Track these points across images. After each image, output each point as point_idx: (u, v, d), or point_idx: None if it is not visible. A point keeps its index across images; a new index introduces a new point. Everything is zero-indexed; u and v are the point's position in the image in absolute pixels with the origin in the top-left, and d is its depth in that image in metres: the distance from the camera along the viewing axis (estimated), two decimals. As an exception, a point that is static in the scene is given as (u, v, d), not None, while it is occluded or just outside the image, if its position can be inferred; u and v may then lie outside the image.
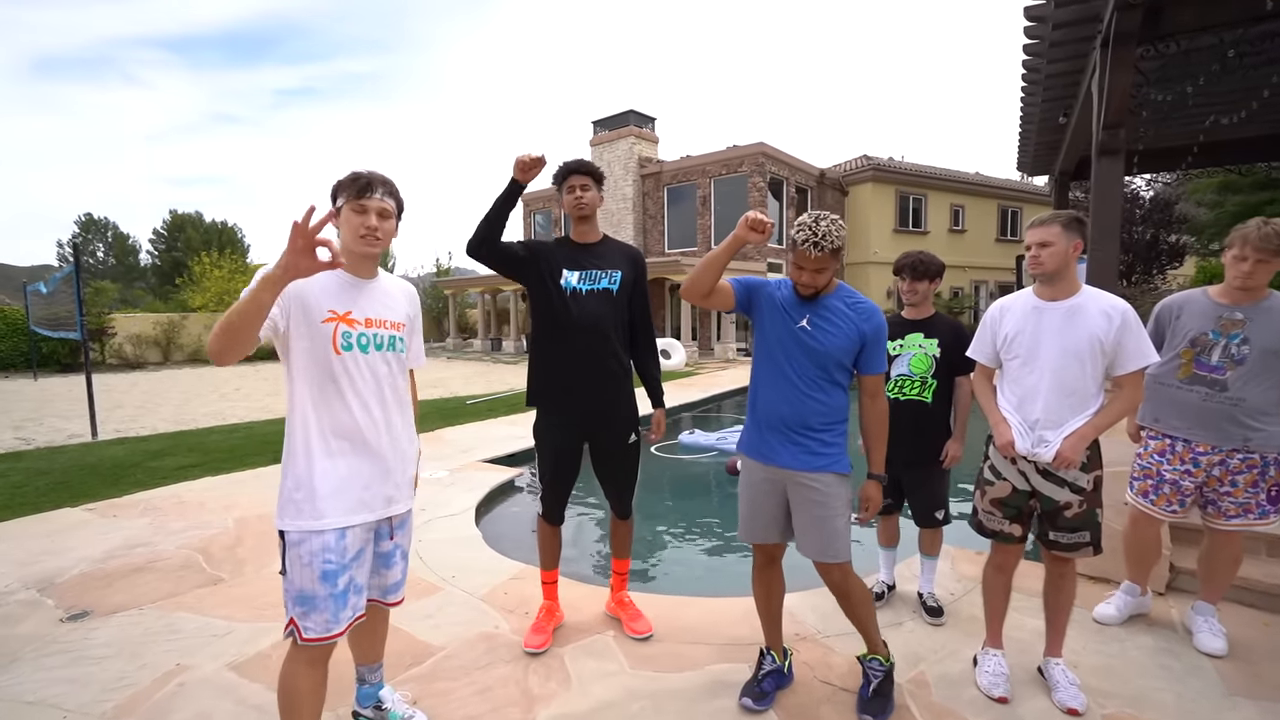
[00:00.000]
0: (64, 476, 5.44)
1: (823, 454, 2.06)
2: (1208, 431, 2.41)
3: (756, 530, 2.20)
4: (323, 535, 1.65)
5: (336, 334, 1.69)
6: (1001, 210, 24.61)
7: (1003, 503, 2.24)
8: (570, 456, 2.57)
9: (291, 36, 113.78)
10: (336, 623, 1.67)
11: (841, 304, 2.08)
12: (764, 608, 2.30)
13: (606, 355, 2.48)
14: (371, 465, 1.74)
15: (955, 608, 2.85)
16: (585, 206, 2.48)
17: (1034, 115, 6.39)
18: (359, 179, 1.71)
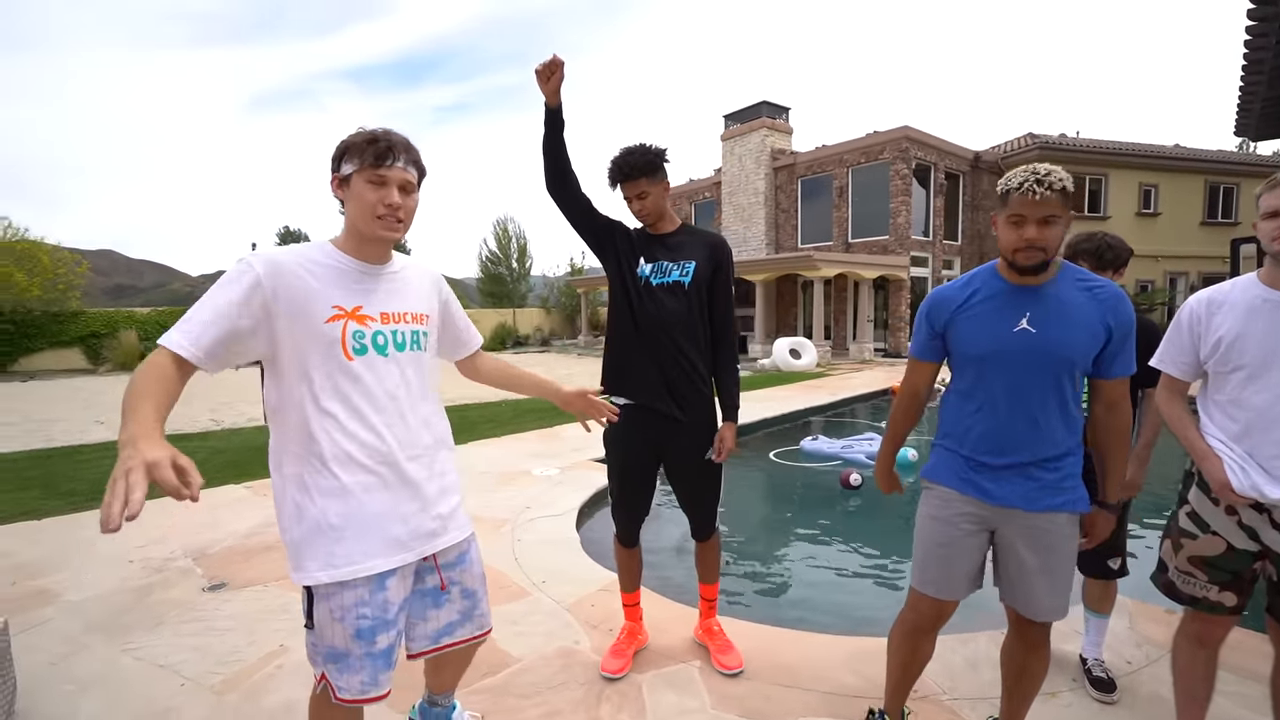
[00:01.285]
0: (236, 456, 6.18)
1: (1056, 489, 1.60)
2: None
3: (947, 583, 1.70)
4: (355, 589, 1.36)
5: (346, 335, 1.36)
6: (1210, 188, 20.76)
7: (1210, 563, 1.68)
8: (640, 471, 2.32)
9: (450, 57, 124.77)
10: (376, 686, 1.41)
11: (1072, 290, 1.57)
12: (900, 672, 1.88)
13: (675, 356, 2.20)
14: (406, 494, 1.44)
15: (1133, 682, 2.25)
16: (649, 214, 2.24)
17: (1264, 61, 5.14)
18: (376, 141, 1.35)
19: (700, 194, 24.59)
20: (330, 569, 1.34)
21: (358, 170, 1.36)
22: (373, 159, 1.34)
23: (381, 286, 1.46)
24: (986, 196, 19.95)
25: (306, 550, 1.35)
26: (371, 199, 1.36)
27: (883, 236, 18.36)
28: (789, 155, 21.06)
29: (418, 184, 1.46)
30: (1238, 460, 1.60)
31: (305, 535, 1.35)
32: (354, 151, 1.36)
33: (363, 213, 1.37)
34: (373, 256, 1.46)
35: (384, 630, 1.40)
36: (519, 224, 44.58)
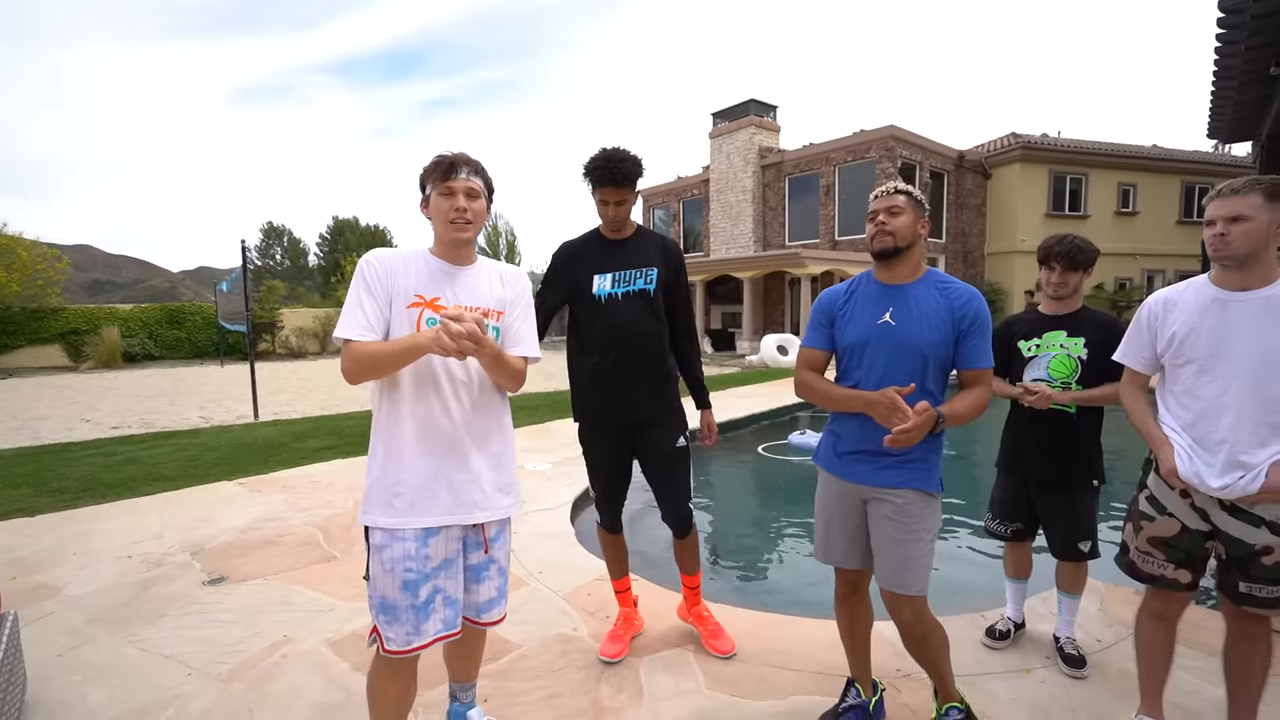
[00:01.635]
0: (227, 453, 6.18)
1: (906, 468, 1.78)
2: None
3: (833, 551, 1.97)
4: (404, 542, 1.58)
5: (421, 320, 1.61)
6: (1185, 187, 21.20)
7: (1166, 543, 1.80)
8: (618, 466, 2.44)
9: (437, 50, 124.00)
10: (418, 635, 1.60)
11: (931, 290, 1.80)
12: (847, 637, 2.05)
13: (646, 361, 2.32)
14: (457, 466, 1.65)
15: (1102, 659, 2.38)
16: (618, 225, 2.33)
17: (1234, 68, 5.32)
18: (443, 161, 1.63)
19: (688, 191, 24.67)
20: (385, 516, 1.59)
21: (434, 187, 1.64)
22: (441, 175, 1.62)
23: (461, 283, 1.69)
24: (971, 195, 20.23)
25: (372, 497, 1.62)
26: (445, 206, 1.62)
27: (868, 234, 18.56)
28: (777, 153, 21.21)
29: (485, 194, 1.69)
30: (1186, 448, 1.72)
31: (372, 485, 1.62)
32: (429, 174, 1.64)
33: (439, 219, 1.64)
34: (455, 257, 1.70)
35: (424, 582, 1.60)
36: (508, 220, 44.42)
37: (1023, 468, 2.39)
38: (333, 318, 23.09)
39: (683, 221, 24.98)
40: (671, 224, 25.30)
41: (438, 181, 1.62)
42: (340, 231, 49.70)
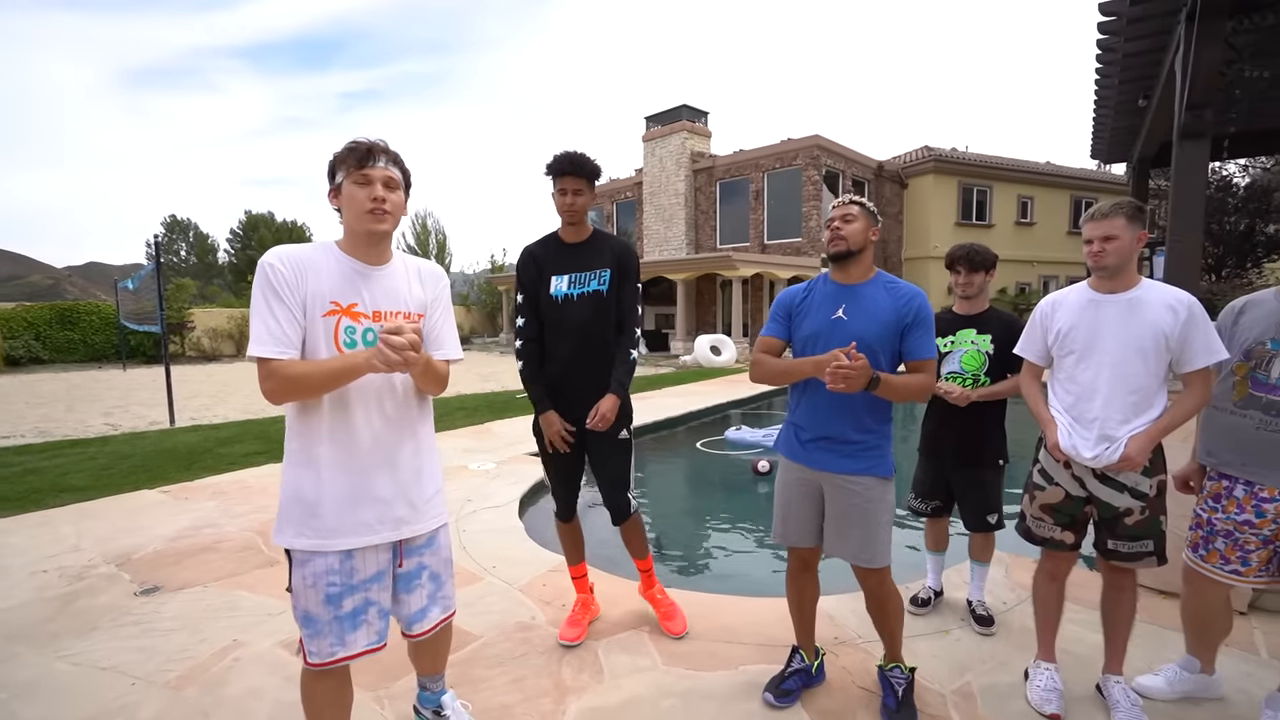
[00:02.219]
0: (144, 461, 5.83)
1: (864, 456, 1.98)
2: (1269, 470, 1.90)
3: (790, 532, 2.14)
4: (326, 557, 1.51)
5: (339, 329, 1.49)
6: (1075, 201, 23.24)
7: (1054, 509, 2.11)
8: (571, 458, 2.56)
9: (356, 41, 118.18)
10: (342, 646, 1.54)
11: (880, 290, 2.00)
12: (796, 612, 2.25)
13: (598, 357, 2.46)
14: (381, 482, 1.56)
15: (1007, 618, 2.70)
16: (575, 213, 2.44)
17: (1110, 99, 5.98)
18: (359, 148, 1.50)
19: (621, 193, 24.88)
20: (302, 538, 1.50)
21: (346, 176, 1.50)
22: (356, 162, 1.49)
23: (378, 284, 1.57)
24: (889, 204, 21.42)
25: (285, 517, 1.53)
26: (360, 196, 1.49)
27: (796, 239, 19.35)
28: (708, 158, 21.74)
29: (402, 184, 1.58)
30: (1067, 425, 2.03)
31: (286, 504, 1.53)
32: (341, 161, 1.51)
33: (354, 210, 1.50)
34: (369, 255, 1.57)
35: (349, 595, 1.54)
36: (438, 219, 43.28)
37: (940, 451, 2.69)
38: (248, 318, 21.80)
39: (616, 223, 25.16)
40: (604, 225, 25.42)
41: (352, 169, 1.49)
42: (254, 227, 46.86)
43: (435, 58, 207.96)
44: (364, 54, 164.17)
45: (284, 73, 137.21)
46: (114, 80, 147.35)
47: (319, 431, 1.51)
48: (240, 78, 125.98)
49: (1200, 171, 4.02)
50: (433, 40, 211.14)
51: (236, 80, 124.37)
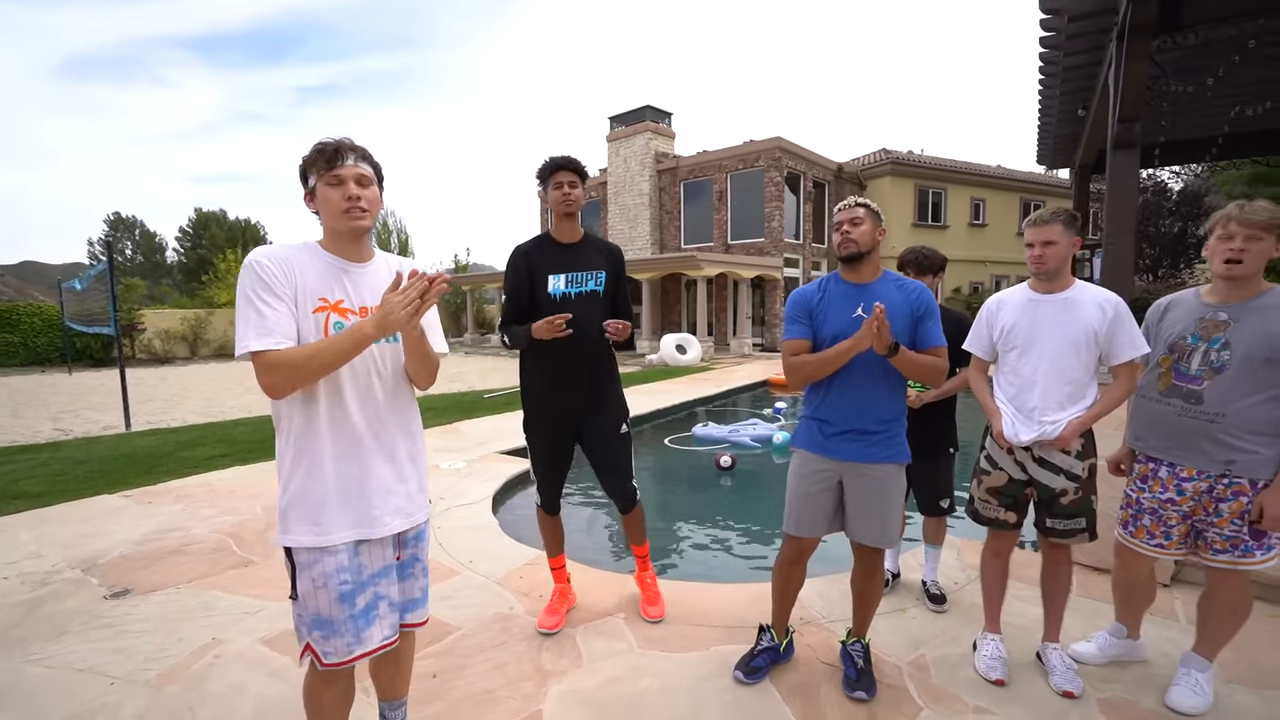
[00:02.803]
0: (101, 465, 5.68)
1: (885, 445, 2.11)
2: (1188, 452, 2.08)
3: (805, 523, 2.20)
4: (335, 555, 1.51)
5: (328, 325, 1.50)
6: (1024, 204, 24.23)
7: (999, 491, 2.30)
8: (563, 450, 2.65)
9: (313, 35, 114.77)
10: (360, 643, 1.54)
11: (890, 288, 2.14)
12: (780, 594, 2.36)
13: (596, 355, 2.57)
14: (383, 471, 1.59)
15: (958, 596, 2.90)
16: (572, 204, 2.53)
17: (1052, 108, 6.35)
18: (326, 148, 1.50)
19: (586, 193, 24.72)
20: (312, 535, 1.49)
21: (319, 179, 1.51)
22: (325, 163, 1.49)
23: (362, 282, 1.59)
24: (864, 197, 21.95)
25: (292, 515, 1.50)
26: (335, 197, 1.50)
27: (759, 239, 19.70)
28: (672, 159, 21.94)
29: (375, 179, 1.58)
30: (1010, 415, 2.22)
31: (290, 504, 1.51)
32: (312, 163, 1.51)
33: (331, 212, 1.51)
34: (351, 254, 1.59)
35: (361, 591, 1.55)
36: (400, 218, 42.54)
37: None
38: (203, 320, 21.15)
39: (580, 223, 25.13)
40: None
41: (323, 171, 1.50)
42: (205, 225, 45.24)
43: (398, 54, 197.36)
44: (322, 49, 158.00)
45: (237, 66, 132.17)
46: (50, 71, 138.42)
47: (318, 426, 1.51)
48: (189, 70, 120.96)
49: (1131, 179, 4.33)
50: (396, 36, 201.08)
51: (185, 73, 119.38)
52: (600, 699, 2.20)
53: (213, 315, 21.74)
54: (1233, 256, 1.96)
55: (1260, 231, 1.93)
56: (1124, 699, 2.15)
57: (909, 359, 2.01)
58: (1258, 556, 2.01)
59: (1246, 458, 1.98)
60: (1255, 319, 1.97)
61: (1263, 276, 2.02)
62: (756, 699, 2.19)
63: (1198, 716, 2.05)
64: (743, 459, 5.98)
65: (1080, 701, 2.13)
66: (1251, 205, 1.97)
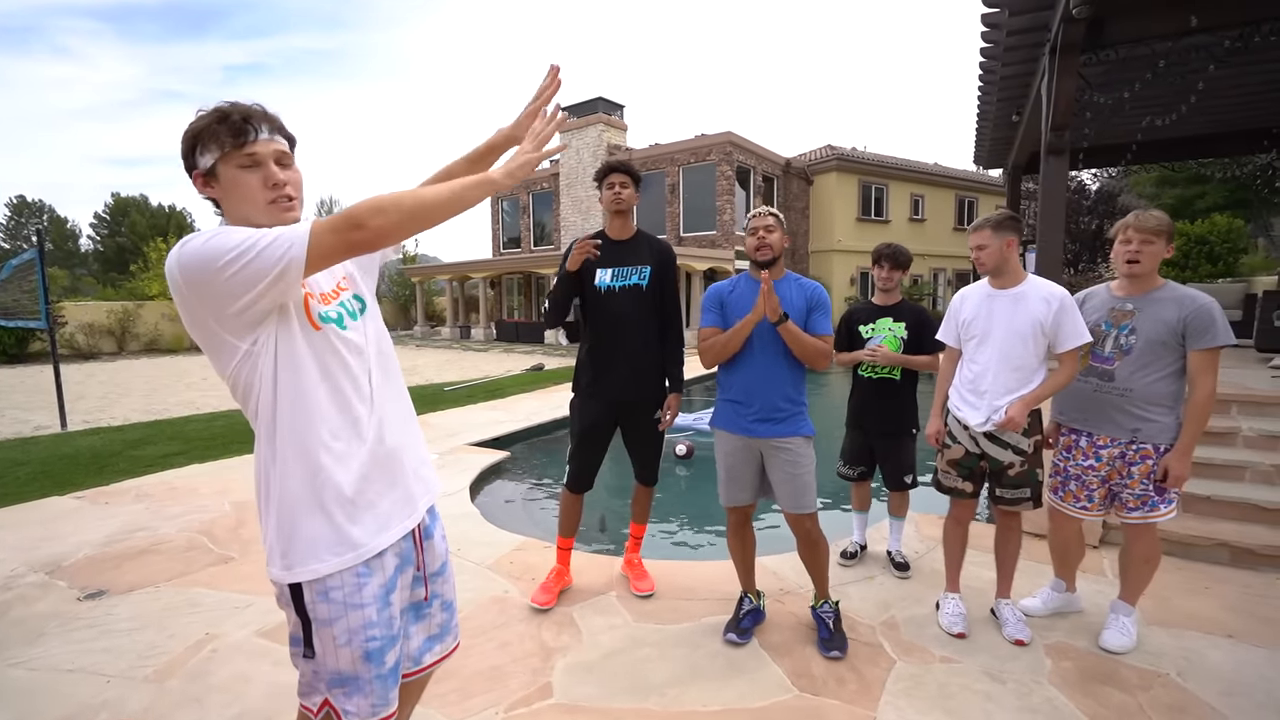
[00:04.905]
0: (43, 466, 5.41)
1: (792, 421, 2.37)
2: (1102, 423, 2.42)
3: (735, 494, 2.50)
4: (363, 608, 1.24)
5: (309, 306, 1.23)
6: (959, 200, 25.46)
7: (957, 463, 2.58)
8: (602, 433, 2.83)
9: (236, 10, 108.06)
10: (386, 704, 1.29)
11: (791, 286, 2.44)
12: (740, 559, 2.61)
13: (636, 346, 2.74)
14: (395, 461, 1.34)
15: (919, 564, 3.19)
16: (623, 202, 2.73)
17: (989, 113, 6.80)
18: (230, 118, 1.15)
19: (538, 184, 24.70)
20: (337, 554, 1.21)
21: (221, 158, 1.16)
22: (232, 139, 1.14)
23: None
24: (796, 199, 22.59)
25: (299, 538, 1.20)
26: (252, 184, 1.17)
27: (711, 231, 20.06)
28: (624, 151, 22.00)
29: (291, 152, 1.26)
30: (964, 397, 2.53)
31: (296, 525, 1.20)
32: (207, 137, 1.15)
33: (250, 202, 1.18)
34: None
35: (391, 647, 1.29)
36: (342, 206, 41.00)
37: (864, 423, 3.13)
38: (132, 313, 19.92)
39: (532, 214, 24.97)
40: (520, 216, 25.17)
41: (229, 148, 1.15)
42: (124, 211, 42.42)
43: (329, 33, 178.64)
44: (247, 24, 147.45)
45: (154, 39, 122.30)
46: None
47: (311, 415, 1.21)
48: (98, 41, 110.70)
49: (1062, 182, 4.74)
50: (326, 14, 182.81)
51: (92, 43, 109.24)
52: (604, 669, 2.36)
53: (142, 308, 20.52)
54: (1131, 258, 2.33)
55: (1152, 236, 2.30)
56: (1065, 643, 2.46)
57: (794, 332, 2.32)
58: (1162, 510, 2.37)
59: (1150, 425, 2.34)
60: (1154, 309, 2.33)
61: (1158, 273, 2.39)
62: (748, 659, 2.39)
63: (1124, 653, 2.37)
64: (702, 445, 6.21)
65: (1030, 647, 2.42)
66: (1144, 214, 2.34)
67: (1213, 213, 16.55)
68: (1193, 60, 4.76)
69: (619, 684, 2.27)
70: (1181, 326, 2.26)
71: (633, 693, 2.22)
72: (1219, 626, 2.56)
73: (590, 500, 3.04)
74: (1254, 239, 21.54)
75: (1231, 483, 3.44)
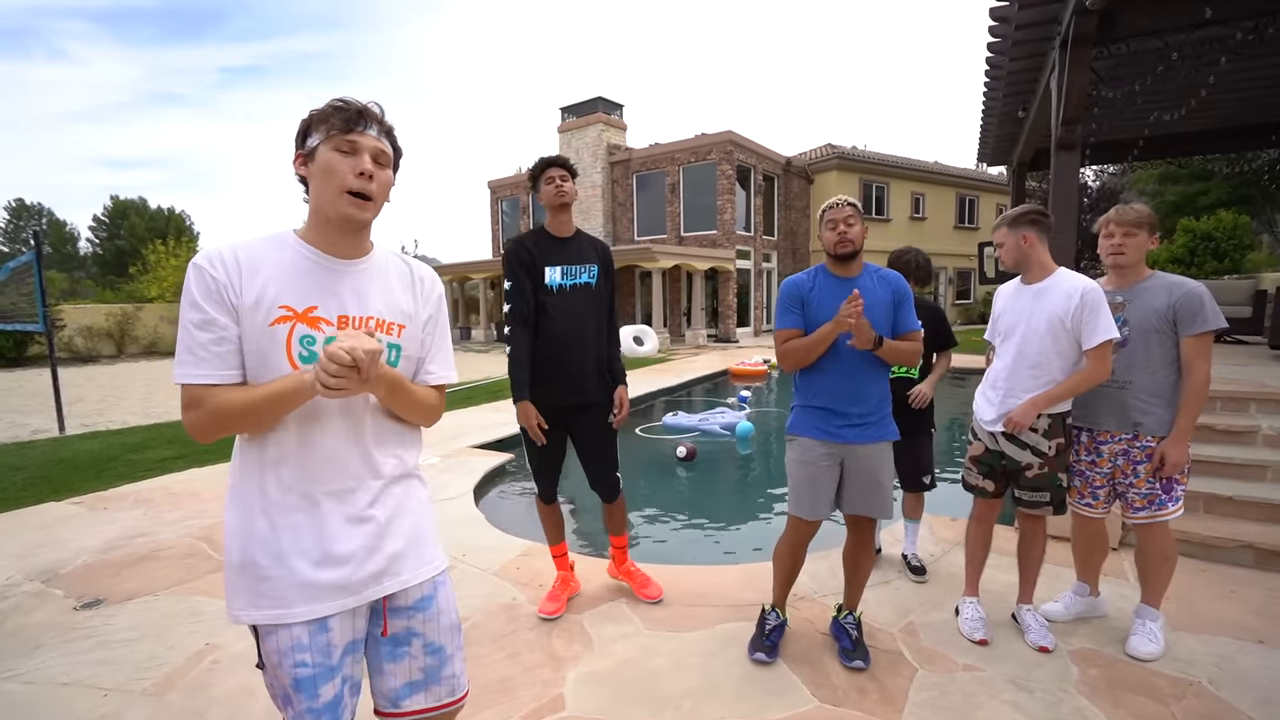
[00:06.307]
0: (41, 471, 5.34)
1: (878, 426, 2.27)
2: (1102, 417, 2.40)
3: (814, 507, 2.30)
4: (290, 629, 1.16)
5: (292, 339, 1.15)
6: (959, 198, 25.40)
7: (978, 460, 2.52)
8: (556, 440, 2.70)
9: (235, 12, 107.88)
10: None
11: (872, 280, 2.28)
12: (787, 573, 2.47)
13: (587, 346, 2.63)
14: (352, 531, 1.20)
15: (935, 567, 3.12)
16: (566, 195, 2.60)
17: (995, 109, 6.72)
18: (347, 109, 1.18)
19: (538, 184, 24.58)
20: (253, 609, 1.16)
21: (325, 139, 1.17)
22: (342, 123, 1.17)
23: (346, 283, 1.22)
24: (797, 198, 22.52)
25: (232, 585, 1.19)
26: (342, 167, 1.16)
27: (711, 231, 19.99)
28: (624, 151, 21.94)
29: (393, 163, 1.26)
30: (986, 395, 2.48)
31: (234, 565, 1.18)
32: (319, 122, 1.18)
33: (329, 186, 1.17)
34: (340, 248, 1.22)
35: (327, 679, 1.19)
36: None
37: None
38: (130, 315, 19.84)
39: (532, 214, 24.88)
40: (520, 216, 25.09)
41: (336, 132, 1.16)
42: (122, 214, 42.34)
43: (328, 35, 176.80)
44: (244, 27, 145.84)
45: (151, 41, 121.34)
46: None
47: (268, 468, 1.18)
48: (94, 44, 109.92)
49: (1073, 178, 4.67)
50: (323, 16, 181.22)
51: (88, 46, 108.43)
52: (617, 679, 2.28)
53: (141, 310, 20.42)
54: (1115, 250, 2.38)
55: (1133, 228, 2.34)
56: (1090, 650, 2.39)
57: (892, 348, 2.19)
58: (1170, 508, 2.33)
59: (1150, 418, 2.32)
60: (1143, 299, 2.35)
61: (1144, 264, 2.40)
62: (766, 670, 2.31)
63: (1153, 660, 2.30)
64: (708, 447, 6.15)
65: (1054, 654, 2.35)
66: (1126, 208, 2.37)
67: (1216, 209, 16.47)
68: (1205, 53, 4.68)
69: (633, 694, 2.20)
70: (1171, 313, 2.27)
71: (648, 703, 2.15)
72: (1248, 632, 2.49)
73: (591, 503, 2.97)
74: (1258, 235, 21.48)
75: (1253, 482, 3.38)
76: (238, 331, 1.13)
